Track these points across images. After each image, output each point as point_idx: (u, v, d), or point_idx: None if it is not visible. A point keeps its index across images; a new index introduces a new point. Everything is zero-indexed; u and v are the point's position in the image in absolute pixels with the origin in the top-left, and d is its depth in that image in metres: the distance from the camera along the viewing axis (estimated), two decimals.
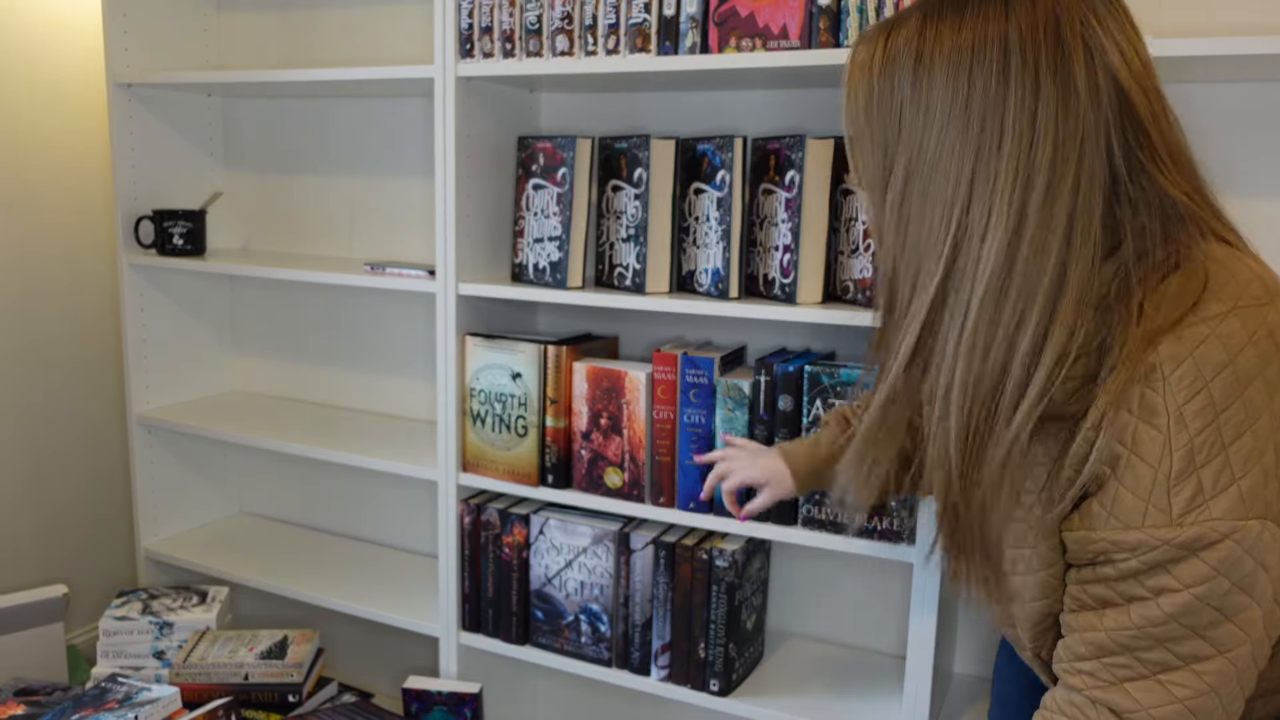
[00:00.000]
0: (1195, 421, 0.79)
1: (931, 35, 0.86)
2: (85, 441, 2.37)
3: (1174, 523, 0.79)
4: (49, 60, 2.21)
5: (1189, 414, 0.79)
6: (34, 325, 2.24)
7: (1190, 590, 0.80)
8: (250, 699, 1.85)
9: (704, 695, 1.59)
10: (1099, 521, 0.85)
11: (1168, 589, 0.81)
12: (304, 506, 2.30)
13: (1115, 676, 0.86)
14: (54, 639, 1.91)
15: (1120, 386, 0.82)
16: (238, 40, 2.19)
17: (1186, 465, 0.79)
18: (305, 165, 2.16)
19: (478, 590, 1.78)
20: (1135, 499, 0.81)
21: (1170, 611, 0.81)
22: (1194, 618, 0.81)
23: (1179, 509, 0.79)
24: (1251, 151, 1.39)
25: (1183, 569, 0.80)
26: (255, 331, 2.29)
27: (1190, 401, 0.79)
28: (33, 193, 2.21)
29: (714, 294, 1.53)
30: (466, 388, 1.73)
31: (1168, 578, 0.81)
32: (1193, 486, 0.79)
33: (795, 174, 1.43)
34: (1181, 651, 0.82)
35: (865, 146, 0.91)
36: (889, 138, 0.89)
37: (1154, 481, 0.80)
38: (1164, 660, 0.83)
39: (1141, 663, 0.84)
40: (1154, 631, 0.83)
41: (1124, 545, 0.82)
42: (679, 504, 1.58)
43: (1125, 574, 0.83)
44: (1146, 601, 0.82)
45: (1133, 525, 0.81)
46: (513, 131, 1.79)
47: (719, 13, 1.42)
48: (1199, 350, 0.79)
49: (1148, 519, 0.81)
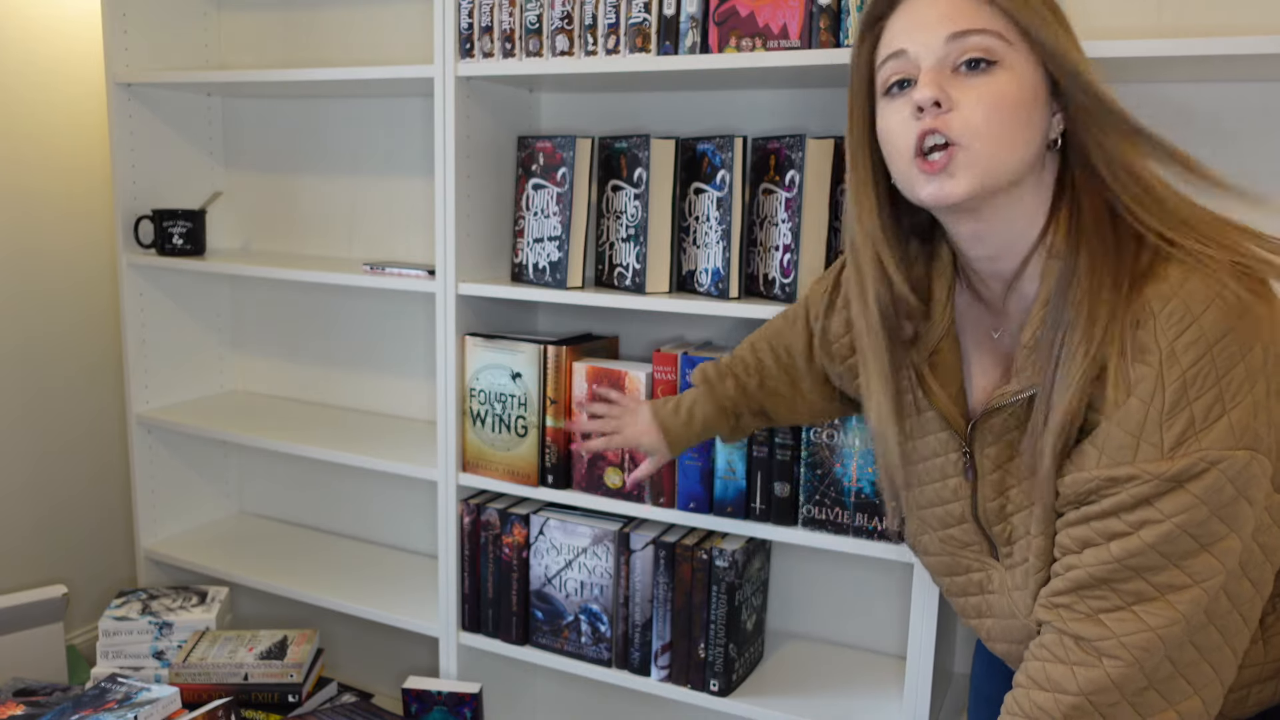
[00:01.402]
0: (1186, 356, 0.80)
1: None
2: (85, 441, 2.37)
3: (1164, 456, 0.81)
4: (49, 60, 2.21)
5: (1180, 349, 0.80)
6: (34, 325, 2.24)
7: (1172, 520, 0.81)
8: (250, 699, 1.85)
9: (704, 695, 1.59)
10: (1090, 461, 0.86)
11: (1149, 521, 0.82)
12: (304, 506, 2.30)
13: (1090, 609, 0.86)
14: (54, 639, 1.91)
15: (1111, 336, 0.84)
16: (238, 40, 2.19)
17: (1179, 400, 0.80)
18: (305, 165, 2.16)
19: (478, 590, 1.77)
20: (1127, 435, 0.83)
21: (1150, 541, 0.82)
22: (1172, 546, 0.82)
23: (1170, 443, 0.81)
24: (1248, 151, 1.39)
25: (1166, 500, 0.81)
26: (255, 331, 2.29)
27: (1181, 336, 0.80)
28: (32, 193, 2.21)
29: (714, 294, 1.53)
30: (466, 388, 1.73)
31: (1151, 510, 0.82)
32: (1184, 420, 0.80)
33: (795, 174, 1.43)
34: (1158, 581, 0.83)
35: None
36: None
37: (1145, 417, 0.81)
38: (1140, 590, 0.84)
39: (1118, 594, 0.85)
40: (1132, 563, 0.83)
41: (1116, 480, 0.83)
42: (679, 504, 1.58)
43: (1108, 510, 0.84)
44: (1128, 536, 0.83)
45: (1124, 461, 0.83)
46: (513, 131, 1.79)
47: (719, 12, 1.42)
48: (1185, 286, 0.81)
49: (1140, 454, 0.82)
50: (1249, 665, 0.95)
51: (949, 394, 1.01)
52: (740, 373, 1.34)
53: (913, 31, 0.90)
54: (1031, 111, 0.87)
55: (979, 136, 0.86)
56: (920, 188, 0.90)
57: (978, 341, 1.02)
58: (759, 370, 1.32)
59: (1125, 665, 0.84)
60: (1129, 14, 1.42)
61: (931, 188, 0.89)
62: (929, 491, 1.06)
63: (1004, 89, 0.86)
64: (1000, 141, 0.87)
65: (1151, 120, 0.87)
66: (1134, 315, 0.83)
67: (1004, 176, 0.88)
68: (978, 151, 0.87)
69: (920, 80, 0.88)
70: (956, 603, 1.09)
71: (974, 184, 0.87)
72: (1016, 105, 0.87)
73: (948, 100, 0.87)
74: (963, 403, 1.02)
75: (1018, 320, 0.97)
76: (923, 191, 0.90)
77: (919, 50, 0.89)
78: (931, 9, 0.89)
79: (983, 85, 0.87)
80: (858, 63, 0.97)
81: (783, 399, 1.32)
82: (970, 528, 1.03)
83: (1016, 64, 0.87)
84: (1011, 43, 0.87)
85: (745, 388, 1.33)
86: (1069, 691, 0.87)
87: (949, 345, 1.02)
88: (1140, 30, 1.42)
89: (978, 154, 0.87)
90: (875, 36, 0.95)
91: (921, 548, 1.11)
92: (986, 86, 0.87)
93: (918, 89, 0.88)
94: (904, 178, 0.93)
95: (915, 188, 0.91)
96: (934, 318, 1.02)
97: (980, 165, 0.87)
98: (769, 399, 1.32)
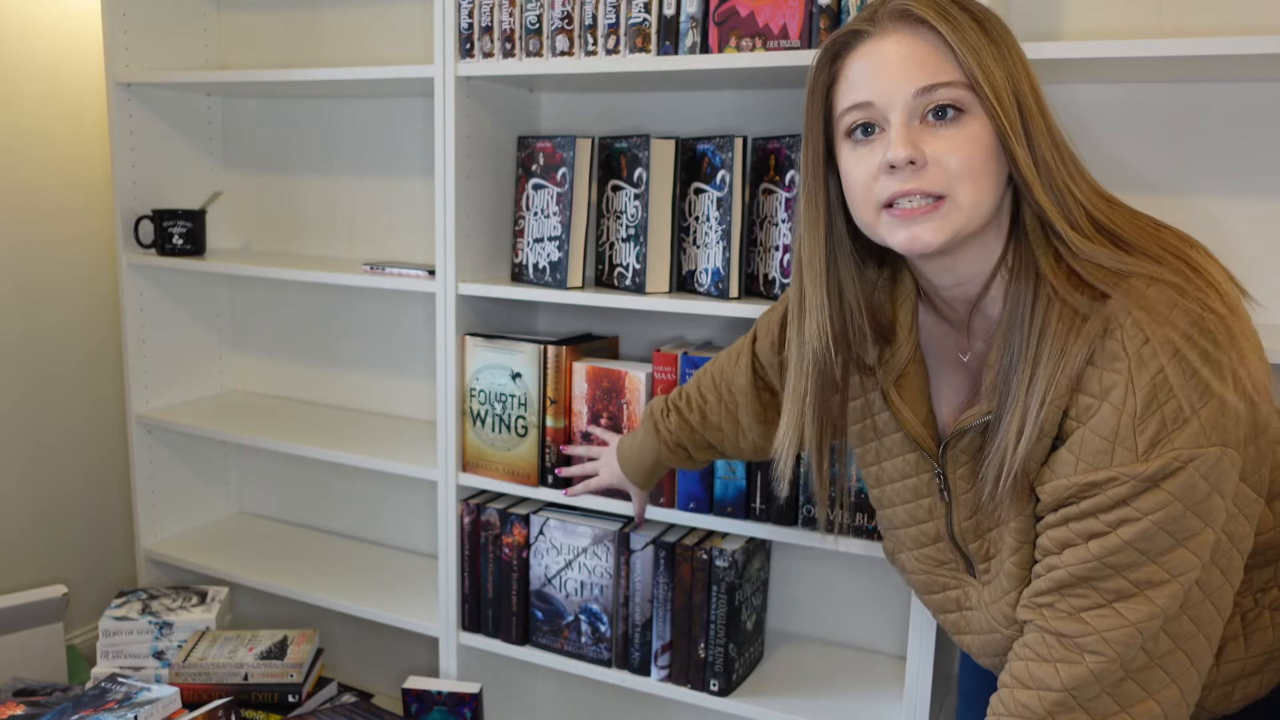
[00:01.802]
0: (1154, 361, 0.81)
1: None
2: (85, 441, 2.37)
3: (1140, 458, 0.82)
4: (49, 60, 2.21)
5: (1147, 354, 0.82)
6: (34, 325, 2.24)
7: (1149, 517, 0.83)
8: (250, 699, 1.85)
9: (704, 695, 1.59)
10: (1067, 468, 0.86)
11: (1127, 519, 0.83)
12: (304, 506, 2.30)
13: (1072, 607, 0.88)
14: (54, 639, 1.91)
15: (1069, 356, 0.85)
16: (238, 40, 2.18)
17: (1150, 403, 0.81)
18: (305, 165, 2.16)
19: (478, 590, 1.77)
20: (1102, 440, 0.84)
21: (1128, 539, 0.83)
22: (1150, 543, 0.83)
23: (1145, 445, 0.82)
24: (1248, 151, 1.39)
25: (1143, 499, 0.83)
26: (255, 331, 2.29)
27: (1148, 343, 0.82)
28: (32, 193, 2.21)
29: (714, 294, 1.53)
30: (466, 388, 1.73)
31: (1128, 509, 0.83)
32: (1157, 423, 0.81)
33: (795, 174, 1.43)
34: (1136, 578, 0.84)
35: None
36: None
37: (1119, 422, 0.83)
38: (1120, 588, 0.85)
39: (1098, 591, 0.86)
40: (1111, 560, 0.85)
41: (1095, 484, 0.84)
42: (679, 504, 1.58)
43: (1087, 511, 0.85)
44: (1106, 535, 0.85)
45: (1101, 466, 0.84)
46: (513, 131, 1.79)
47: (719, 12, 1.42)
48: (1148, 294, 0.83)
49: (1115, 458, 0.83)
50: (1232, 660, 0.96)
51: (918, 417, 1.02)
52: (684, 408, 1.37)
53: (877, 80, 0.88)
54: (1000, 153, 0.87)
55: (960, 187, 0.86)
56: (890, 235, 0.89)
57: (945, 362, 1.02)
58: (701, 406, 1.35)
59: (1106, 659, 0.85)
60: (1129, 14, 1.42)
61: (903, 235, 0.88)
62: (901, 512, 1.07)
63: (976, 136, 0.86)
64: (979, 189, 0.87)
65: (1152, 120, 0.87)
66: (1100, 324, 0.84)
67: (981, 221, 0.88)
68: (959, 202, 0.86)
69: (893, 138, 0.87)
70: (939, 619, 1.10)
71: (952, 232, 0.87)
72: (989, 151, 0.86)
73: (922, 158, 0.86)
74: (932, 425, 1.02)
75: (984, 340, 0.97)
76: (893, 239, 0.89)
77: (885, 102, 0.88)
78: (895, 55, 0.87)
79: (954, 136, 0.86)
80: (814, 96, 0.95)
81: (725, 434, 1.34)
82: (946, 546, 1.04)
83: (980, 109, 0.87)
84: (974, 89, 0.86)
85: (689, 423, 1.36)
86: (1052, 688, 0.88)
87: (915, 369, 1.02)
88: (1140, 30, 1.42)
89: (959, 204, 0.87)
90: (834, 73, 0.93)
91: (900, 565, 1.13)
92: (958, 137, 0.86)
93: (891, 148, 0.86)
94: (869, 223, 0.92)
95: (883, 234, 0.90)
96: (898, 341, 1.02)
97: (962, 214, 0.87)
98: (712, 433, 1.35)
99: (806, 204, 0.98)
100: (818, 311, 0.98)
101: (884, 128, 0.89)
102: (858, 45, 0.91)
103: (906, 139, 0.86)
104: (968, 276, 0.94)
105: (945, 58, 0.86)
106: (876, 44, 0.89)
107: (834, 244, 0.98)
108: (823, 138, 0.95)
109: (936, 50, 0.87)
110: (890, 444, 1.05)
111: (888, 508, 1.08)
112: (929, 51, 0.87)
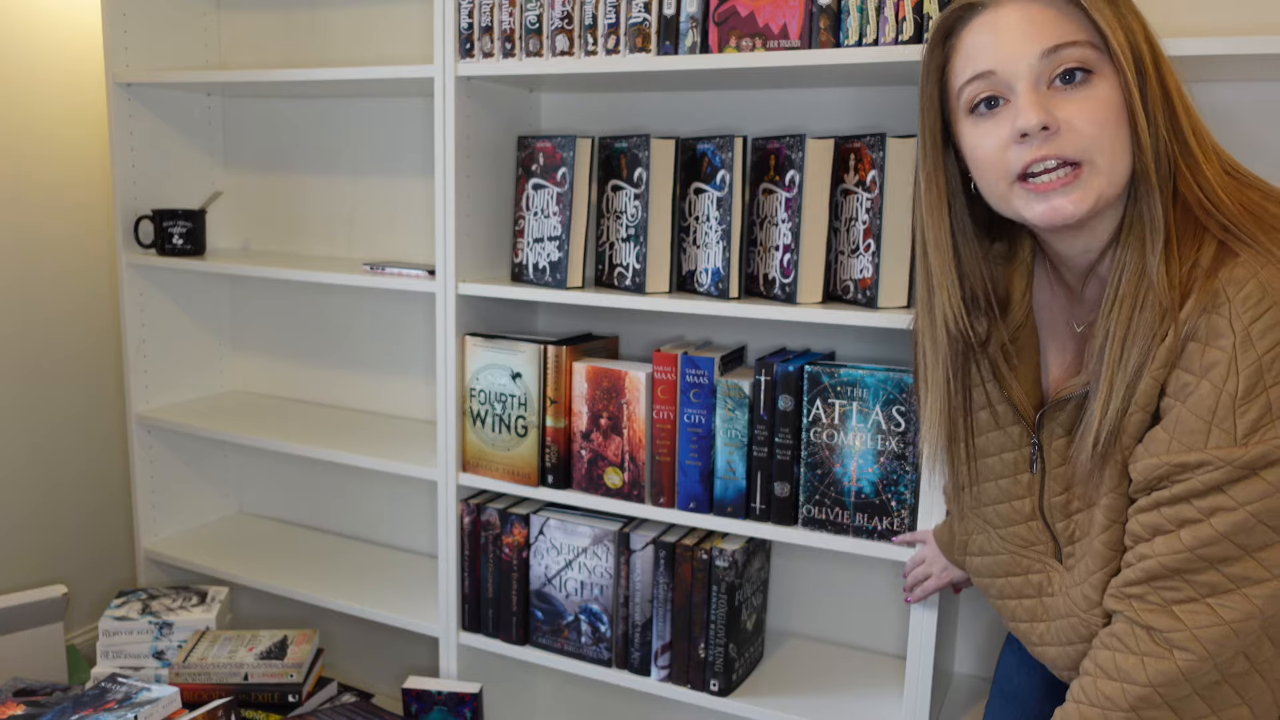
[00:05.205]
0: (1263, 341, 0.78)
1: None
2: (85, 441, 2.37)
3: (1238, 443, 0.79)
4: (49, 60, 2.21)
5: (1256, 333, 0.78)
6: (33, 325, 2.24)
7: (1246, 508, 0.79)
8: (250, 699, 1.85)
9: (704, 695, 1.59)
10: (1159, 446, 0.84)
11: (1221, 508, 0.80)
12: (304, 506, 2.30)
13: (1164, 600, 0.84)
14: (54, 639, 1.90)
15: (1186, 318, 0.82)
16: (238, 40, 2.18)
17: (1254, 385, 0.78)
18: (305, 165, 2.16)
19: (478, 590, 1.77)
20: (1198, 420, 0.81)
21: (1223, 530, 0.80)
22: (1247, 537, 0.80)
23: (1244, 429, 0.79)
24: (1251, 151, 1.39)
25: (1240, 488, 0.79)
26: (255, 331, 2.29)
27: (1257, 321, 0.78)
28: (32, 192, 2.21)
29: (714, 294, 1.53)
30: (466, 388, 1.73)
31: (1223, 497, 0.80)
32: (1260, 407, 0.78)
33: (795, 174, 1.43)
34: (1233, 573, 0.81)
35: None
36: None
37: (1218, 402, 0.80)
38: (1215, 583, 0.82)
39: (1191, 585, 0.83)
40: (1205, 552, 0.81)
41: (1186, 466, 0.82)
42: (679, 504, 1.58)
43: (1179, 496, 0.82)
44: (1199, 523, 0.81)
45: (1195, 447, 0.81)
46: (513, 131, 1.79)
47: (719, 12, 1.42)
48: (1262, 272, 0.79)
49: (1211, 439, 0.80)
50: None
51: (1024, 384, 1.00)
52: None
53: (999, 48, 0.86)
54: (1127, 115, 0.85)
55: (1096, 151, 0.84)
56: (1027, 208, 0.88)
57: (1057, 333, 1.01)
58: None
59: (1197, 658, 0.82)
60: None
61: (1042, 208, 0.86)
62: (993, 488, 1.04)
63: (1107, 98, 0.84)
64: (1115, 151, 0.84)
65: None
66: (1207, 299, 0.81)
67: (1119, 185, 0.86)
68: (1098, 166, 0.84)
69: (1021, 104, 0.85)
70: (1008, 605, 1.07)
71: (1094, 200, 0.85)
72: (1119, 113, 0.84)
73: (1055, 122, 0.84)
74: (1037, 394, 1.01)
75: (1095, 309, 0.95)
76: (1030, 212, 0.87)
77: (1010, 70, 0.86)
78: (1016, 21, 0.86)
79: (1085, 98, 0.84)
80: (928, 76, 0.94)
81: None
82: (1037, 525, 1.02)
83: (1109, 68, 0.84)
84: (1100, 48, 0.84)
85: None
86: (1137, 682, 0.85)
87: (1027, 335, 1.01)
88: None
89: (1098, 169, 0.84)
90: (948, 50, 0.92)
91: (976, 548, 1.09)
92: (1089, 99, 0.84)
93: (1021, 114, 0.84)
94: (1001, 197, 0.90)
95: (1018, 207, 0.89)
96: (1012, 310, 1.01)
97: (1101, 178, 0.85)
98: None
99: (927, 187, 0.96)
100: (948, 291, 0.97)
101: (1009, 98, 0.87)
102: (972, 18, 0.89)
103: (1037, 103, 0.84)
104: (1094, 243, 0.92)
105: (1067, 19, 0.85)
106: (994, 14, 0.88)
107: (957, 224, 0.97)
108: (939, 119, 0.94)
109: (1059, 13, 0.85)
110: (993, 416, 1.03)
111: (978, 484, 1.06)
112: (1051, 14, 0.85)
